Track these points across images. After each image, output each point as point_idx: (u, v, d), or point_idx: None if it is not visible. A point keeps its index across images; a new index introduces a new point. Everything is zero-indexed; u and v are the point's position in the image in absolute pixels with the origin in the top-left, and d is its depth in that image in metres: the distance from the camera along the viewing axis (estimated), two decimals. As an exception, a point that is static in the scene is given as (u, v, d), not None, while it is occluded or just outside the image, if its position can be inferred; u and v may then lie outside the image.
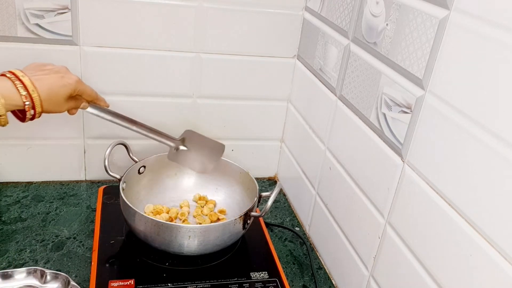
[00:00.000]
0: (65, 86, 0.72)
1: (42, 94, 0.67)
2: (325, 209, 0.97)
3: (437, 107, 0.63)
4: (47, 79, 0.69)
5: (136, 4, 0.98)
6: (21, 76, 0.66)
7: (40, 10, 0.93)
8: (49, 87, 0.69)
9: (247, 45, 1.08)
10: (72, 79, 0.73)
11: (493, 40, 0.54)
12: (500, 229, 0.53)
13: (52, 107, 0.70)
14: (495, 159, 0.53)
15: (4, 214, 0.99)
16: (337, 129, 0.91)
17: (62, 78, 0.72)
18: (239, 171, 1.02)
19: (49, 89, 0.69)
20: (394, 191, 0.73)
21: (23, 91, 0.65)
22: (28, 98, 0.66)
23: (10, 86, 0.65)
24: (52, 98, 0.69)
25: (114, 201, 1.01)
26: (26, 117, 0.67)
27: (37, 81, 0.67)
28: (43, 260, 0.88)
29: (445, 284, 0.62)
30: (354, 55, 0.84)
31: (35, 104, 0.66)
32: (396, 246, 0.72)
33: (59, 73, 0.73)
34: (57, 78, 0.71)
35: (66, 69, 0.75)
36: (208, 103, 1.12)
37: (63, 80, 0.72)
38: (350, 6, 0.85)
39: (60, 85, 0.71)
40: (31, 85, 0.66)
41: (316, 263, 0.97)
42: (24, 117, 0.67)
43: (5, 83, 0.65)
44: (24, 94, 0.65)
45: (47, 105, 0.68)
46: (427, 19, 0.64)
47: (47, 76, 0.70)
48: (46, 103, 0.68)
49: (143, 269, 0.85)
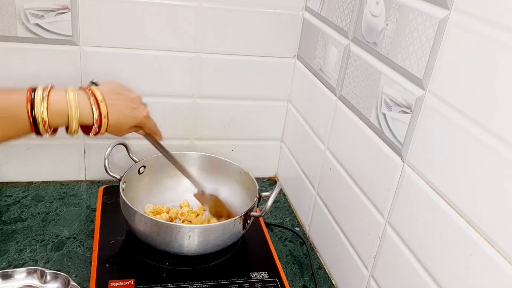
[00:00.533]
0: (133, 118, 0.75)
1: (111, 120, 0.71)
2: (325, 209, 0.97)
3: (437, 107, 0.63)
4: (120, 108, 0.72)
5: (136, 4, 0.98)
6: (100, 101, 0.69)
7: (40, 10, 0.93)
8: (119, 116, 0.72)
9: (247, 45, 1.08)
10: (142, 114, 0.77)
11: (493, 40, 0.54)
12: (500, 229, 0.53)
13: (114, 131, 0.74)
14: (495, 159, 0.53)
15: (4, 214, 0.99)
16: (337, 129, 0.91)
17: (133, 110, 0.75)
18: (239, 171, 1.02)
19: (118, 118, 0.72)
20: (394, 191, 0.73)
21: (96, 115, 0.69)
22: (98, 122, 0.70)
23: (87, 106, 0.69)
24: (119, 126, 0.73)
25: (114, 201, 1.01)
26: (89, 133, 0.71)
27: (110, 107, 0.70)
28: (43, 260, 0.88)
29: (445, 284, 0.62)
30: (354, 55, 0.84)
31: (102, 127, 0.70)
32: (396, 246, 0.72)
33: (133, 103, 0.76)
34: (129, 110, 0.74)
35: (139, 100, 0.78)
36: (208, 103, 1.12)
37: (134, 112, 0.75)
38: (350, 6, 0.85)
39: (130, 116, 0.74)
40: (105, 111, 0.70)
41: (316, 263, 0.97)
42: (88, 133, 0.71)
43: (82, 100, 0.68)
44: (96, 118, 0.69)
45: (111, 129, 0.72)
46: (427, 19, 0.64)
47: (121, 105, 0.73)
48: (111, 128, 0.72)
49: (143, 269, 0.85)
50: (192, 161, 1.05)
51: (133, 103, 0.75)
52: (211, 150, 1.15)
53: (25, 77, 0.99)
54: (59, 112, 0.67)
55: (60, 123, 0.68)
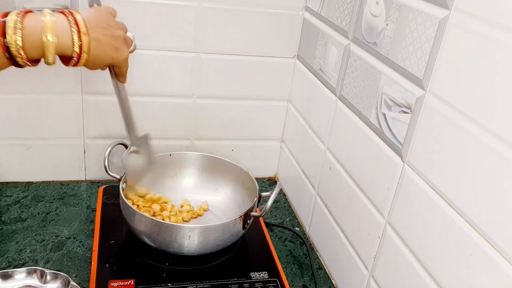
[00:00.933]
0: (112, 58, 0.72)
1: (91, 56, 0.67)
2: (325, 209, 0.97)
3: (437, 107, 0.63)
4: (102, 44, 0.68)
5: (136, 4, 0.98)
6: (83, 33, 0.65)
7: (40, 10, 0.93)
8: (100, 53, 0.68)
9: (247, 45, 1.08)
10: (122, 55, 0.73)
11: (493, 40, 0.54)
12: (500, 229, 0.53)
13: (90, 66, 0.69)
14: (495, 159, 0.53)
15: (4, 214, 0.99)
16: (337, 129, 0.91)
17: (115, 50, 0.71)
18: (239, 171, 1.02)
19: (98, 54, 0.68)
20: (394, 191, 0.73)
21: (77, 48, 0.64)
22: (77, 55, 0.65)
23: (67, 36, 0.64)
24: (95, 62, 0.69)
25: (114, 201, 1.01)
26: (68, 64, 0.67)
27: (93, 41, 0.66)
28: (43, 260, 0.88)
29: (445, 284, 0.62)
30: (354, 55, 0.84)
31: (80, 62, 0.66)
32: (396, 246, 0.72)
33: (116, 41, 0.71)
34: (111, 48, 0.70)
35: (123, 40, 0.73)
36: (208, 103, 1.12)
37: (115, 52, 0.71)
38: (350, 6, 0.85)
39: (110, 56, 0.71)
40: (86, 45, 0.65)
41: (316, 263, 0.97)
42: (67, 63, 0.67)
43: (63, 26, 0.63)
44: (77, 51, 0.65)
45: (87, 64, 0.68)
46: (427, 19, 0.64)
47: (104, 40, 0.69)
48: (88, 63, 0.68)
49: (143, 269, 0.85)
50: (192, 161, 1.05)
51: (116, 42, 0.71)
52: (211, 150, 1.15)
53: (25, 77, 0.99)
54: (33, 38, 0.61)
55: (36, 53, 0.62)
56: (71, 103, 1.04)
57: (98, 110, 1.06)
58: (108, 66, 0.75)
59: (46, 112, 1.03)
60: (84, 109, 1.05)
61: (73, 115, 1.05)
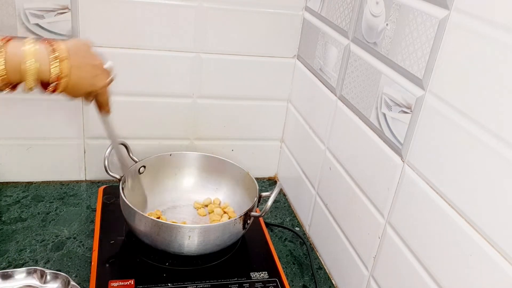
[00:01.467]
0: (91, 86, 0.73)
1: (70, 83, 0.68)
2: (325, 209, 0.97)
3: (437, 107, 0.63)
4: (82, 71, 0.69)
5: (136, 4, 0.98)
6: (64, 58, 0.66)
7: (40, 10, 0.93)
8: (79, 79, 0.69)
9: (247, 45, 1.08)
10: (101, 83, 0.74)
11: (493, 40, 0.54)
12: (500, 229, 0.53)
13: (70, 93, 0.70)
14: (495, 159, 0.53)
15: (4, 214, 0.99)
16: (337, 129, 0.91)
17: (94, 77, 0.72)
18: (239, 171, 1.02)
19: (78, 82, 0.69)
20: (394, 191, 0.73)
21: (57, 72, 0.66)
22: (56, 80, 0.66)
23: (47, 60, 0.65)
24: (76, 89, 0.70)
25: (114, 201, 1.01)
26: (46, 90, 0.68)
27: (73, 68, 0.67)
28: (43, 260, 0.88)
29: (445, 284, 0.62)
30: (354, 55, 0.84)
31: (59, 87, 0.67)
32: (396, 246, 0.72)
33: (96, 69, 0.73)
34: (91, 75, 0.72)
35: (102, 67, 0.75)
36: (208, 103, 1.12)
37: (94, 79, 0.72)
38: (350, 6, 0.86)
39: (89, 83, 0.72)
40: (66, 70, 0.66)
41: (316, 263, 0.97)
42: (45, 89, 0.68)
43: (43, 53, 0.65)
44: (57, 75, 0.66)
45: (68, 91, 0.69)
46: (427, 19, 0.64)
47: (83, 68, 0.70)
48: (68, 90, 0.69)
49: (143, 269, 0.85)
50: (192, 161, 1.05)
51: (95, 70, 0.73)
52: (211, 150, 1.15)
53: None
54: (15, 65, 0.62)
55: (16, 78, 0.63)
56: (71, 103, 1.04)
57: (98, 110, 1.06)
58: (88, 95, 0.75)
59: (46, 112, 1.04)
60: (84, 109, 1.05)
61: (73, 115, 1.05)
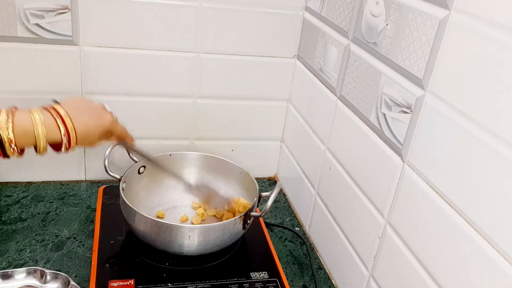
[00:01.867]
0: (100, 126, 0.77)
1: (79, 134, 0.72)
2: (325, 209, 0.97)
3: (437, 107, 0.63)
4: (85, 119, 0.74)
5: (136, 4, 0.98)
6: (64, 115, 0.71)
7: (40, 10, 0.93)
8: (86, 127, 0.74)
9: (247, 45, 1.08)
10: (106, 121, 0.78)
11: (493, 40, 0.54)
12: (500, 229, 0.53)
13: (84, 143, 0.75)
14: (495, 159, 0.53)
15: (4, 214, 0.99)
16: (337, 129, 0.91)
17: (98, 118, 0.77)
18: (239, 171, 1.02)
19: (86, 129, 0.74)
20: (394, 191, 0.73)
21: (63, 130, 0.70)
22: (66, 135, 0.71)
23: (52, 123, 0.70)
24: (87, 137, 0.75)
25: (114, 201, 1.01)
26: (60, 150, 0.73)
27: (76, 121, 0.72)
28: (43, 260, 0.88)
29: (445, 284, 0.62)
30: (354, 55, 0.84)
31: (71, 141, 0.72)
32: (396, 246, 0.72)
33: (96, 112, 0.78)
34: (94, 119, 0.76)
35: (102, 108, 0.80)
36: (208, 103, 1.12)
37: (99, 120, 0.77)
38: (350, 6, 0.85)
39: (96, 125, 0.76)
40: (70, 124, 0.71)
41: (316, 263, 0.97)
42: (59, 150, 0.73)
43: (47, 118, 0.70)
44: (64, 132, 0.71)
45: (81, 141, 0.74)
46: (427, 19, 0.64)
47: (85, 116, 0.75)
48: (81, 140, 0.73)
49: (143, 269, 0.85)
50: (192, 161, 1.05)
51: (96, 112, 0.77)
52: (211, 150, 1.15)
53: (25, 77, 0.99)
54: (25, 132, 0.68)
55: (27, 142, 0.69)
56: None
57: (98, 110, 1.06)
58: (105, 137, 0.80)
59: (46, 112, 1.03)
60: (84, 109, 1.05)
61: (73, 115, 1.05)
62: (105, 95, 1.04)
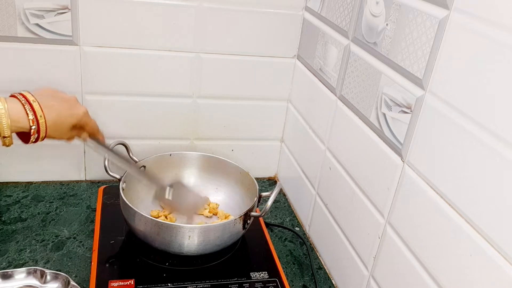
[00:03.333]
0: (71, 116, 0.74)
1: (48, 121, 0.69)
2: (325, 209, 0.97)
3: (437, 107, 0.63)
4: (56, 107, 0.71)
5: (136, 4, 0.98)
6: (32, 101, 0.68)
7: (40, 10, 0.93)
8: (57, 115, 0.71)
9: (247, 45, 1.08)
10: (79, 111, 0.76)
11: (493, 40, 0.54)
12: (500, 229, 0.53)
13: (55, 134, 0.72)
14: (495, 159, 0.53)
15: (4, 214, 0.99)
16: (337, 129, 0.91)
17: (70, 108, 0.74)
18: (239, 171, 1.02)
19: (56, 117, 0.71)
20: (394, 191, 0.73)
21: (31, 116, 0.67)
22: (35, 122, 0.68)
23: (20, 109, 0.67)
24: (58, 126, 0.71)
25: (114, 201, 1.01)
26: (29, 140, 0.69)
27: (46, 108, 0.69)
28: (43, 260, 0.88)
29: (445, 284, 0.62)
30: (354, 55, 0.84)
31: (41, 129, 0.69)
32: (396, 246, 0.72)
33: (69, 102, 0.75)
34: (65, 107, 0.73)
35: (75, 100, 0.77)
36: (208, 103, 1.12)
37: (71, 110, 0.74)
38: (350, 6, 0.86)
39: (67, 114, 0.73)
40: (40, 110, 0.68)
41: (316, 263, 0.97)
42: (28, 140, 0.69)
43: (15, 105, 0.67)
44: (32, 119, 0.67)
45: (51, 131, 0.70)
46: (427, 19, 0.64)
47: (56, 104, 0.72)
48: (51, 129, 0.70)
49: (143, 269, 0.85)
50: (192, 161, 1.05)
51: (68, 102, 0.74)
52: (211, 150, 1.15)
53: (25, 77, 0.99)
54: None
55: None
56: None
57: (98, 110, 1.06)
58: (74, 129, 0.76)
59: (46, 112, 1.03)
60: (84, 109, 1.05)
61: (73, 115, 1.05)
62: (105, 95, 1.04)
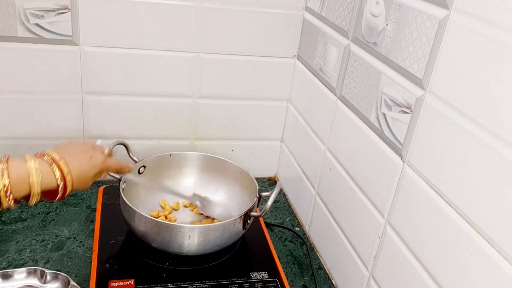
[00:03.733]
0: (93, 167, 0.76)
1: (74, 177, 0.72)
2: (325, 209, 0.97)
3: (437, 107, 0.63)
4: (77, 162, 0.73)
5: (136, 4, 0.98)
6: (59, 159, 0.70)
7: (40, 10, 0.93)
8: (80, 170, 0.73)
9: (247, 45, 1.08)
10: (99, 160, 0.78)
11: (493, 40, 0.54)
12: (500, 229, 0.53)
13: (80, 186, 0.74)
14: (495, 159, 0.53)
15: (4, 214, 0.99)
16: (337, 129, 0.91)
17: (90, 159, 0.76)
18: (239, 171, 1.02)
19: (80, 172, 0.73)
20: (394, 191, 0.73)
21: (59, 175, 0.70)
22: (62, 180, 0.70)
23: (47, 168, 0.69)
24: (82, 179, 0.74)
25: (114, 201, 1.01)
26: (56, 197, 0.72)
27: (70, 163, 0.71)
28: (43, 260, 0.88)
29: (445, 284, 0.62)
30: (354, 55, 0.84)
31: (67, 185, 0.71)
32: (396, 246, 0.72)
33: (87, 153, 0.77)
34: (86, 160, 0.75)
35: (93, 148, 0.79)
36: (208, 103, 1.12)
37: (91, 161, 0.76)
38: (350, 6, 0.85)
39: (89, 166, 0.76)
40: (66, 169, 0.70)
41: (316, 263, 0.97)
42: (54, 197, 0.72)
43: (43, 165, 0.69)
44: (59, 177, 0.70)
45: (76, 185, 0.73)
46: (427, 19, 0.64)
47: (77, 158, 0.74)
48: (76, 183, 0.73)
49: (143, 269, 0.85)
50: (192, 161, 1.06)
51: (87, 154, 0.77)
52: (211, 150, 1.15)
53: (25, 77, 0.99)
54: (20, 179, 0.66)
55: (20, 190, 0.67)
56: (71, 103, 1.04)
57: (98, 110, 1.06)
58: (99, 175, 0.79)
59: (46, 112, 1.03)
60: (84, 109, 1.05)
61: (73, 115, 1.05)
62: (105, 95, 1.04)
